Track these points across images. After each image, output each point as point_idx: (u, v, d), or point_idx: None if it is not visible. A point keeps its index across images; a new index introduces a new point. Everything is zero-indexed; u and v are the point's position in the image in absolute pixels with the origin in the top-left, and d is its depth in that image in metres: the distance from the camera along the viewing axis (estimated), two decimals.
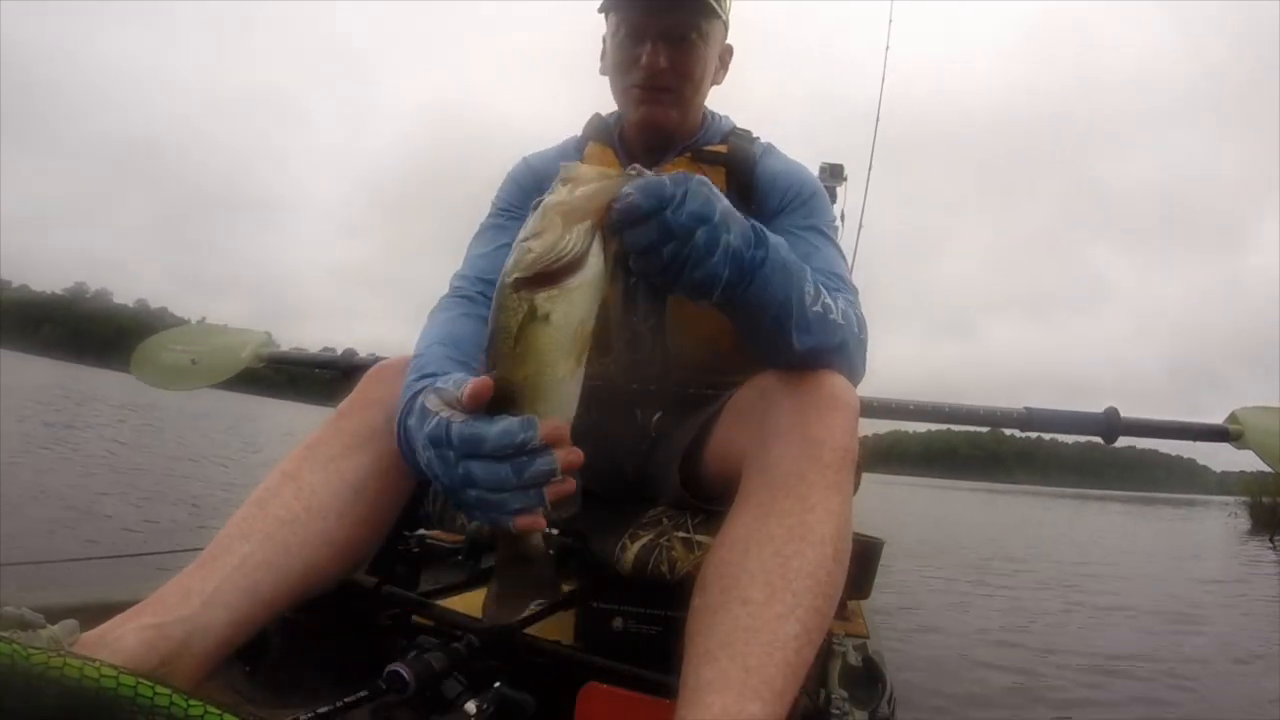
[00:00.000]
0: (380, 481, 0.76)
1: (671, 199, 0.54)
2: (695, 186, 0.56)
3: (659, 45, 0.90)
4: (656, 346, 0.95)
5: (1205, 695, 2.69)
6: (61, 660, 0.44)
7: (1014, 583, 5.53)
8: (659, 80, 0.91)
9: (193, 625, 0.63)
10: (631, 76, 0.92)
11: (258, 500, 0.74)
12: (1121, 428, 1.14)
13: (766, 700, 0.58)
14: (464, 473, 0.53)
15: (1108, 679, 2.88)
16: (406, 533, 1.18)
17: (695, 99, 0.97)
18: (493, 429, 0.52)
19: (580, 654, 0.89)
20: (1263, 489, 14.26)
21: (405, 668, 0.69)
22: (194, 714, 0.44)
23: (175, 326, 1.71)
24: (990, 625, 3.80)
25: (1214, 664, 3.20)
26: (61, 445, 6.19)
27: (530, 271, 0.52)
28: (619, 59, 0.94)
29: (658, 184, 0.55)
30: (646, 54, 0.90)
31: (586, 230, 0.53)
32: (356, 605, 0.97)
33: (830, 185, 2.92)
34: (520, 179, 1.02)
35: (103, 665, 0.44)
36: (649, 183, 0.55)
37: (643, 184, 0.54)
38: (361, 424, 0.77)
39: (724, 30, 0.97)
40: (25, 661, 0.43)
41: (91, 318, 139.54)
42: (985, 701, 2.46)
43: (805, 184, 0.97)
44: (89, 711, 0.43)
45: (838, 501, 0.68)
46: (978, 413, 1.19)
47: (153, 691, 0.44)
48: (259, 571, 0.68)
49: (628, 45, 0.92)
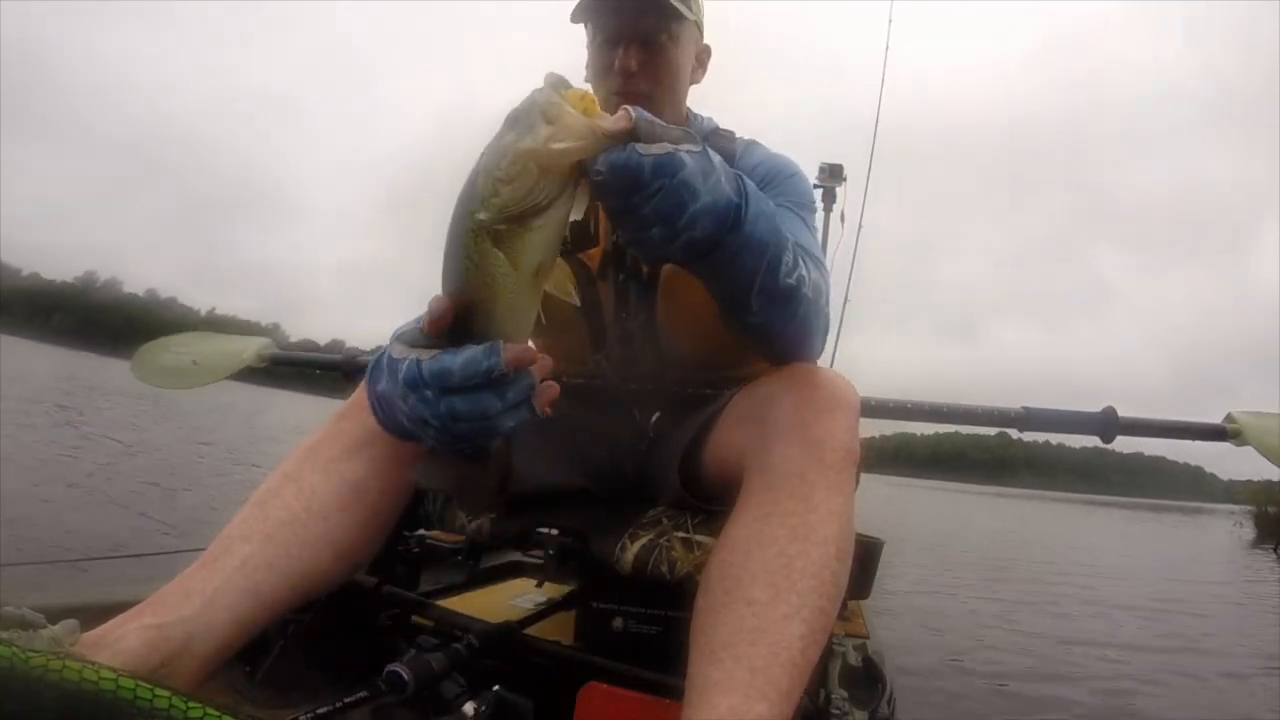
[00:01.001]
0: (381, 483, 0.77)
1: (643, 189, 0.53)
2: (675, 183, 0.54)
3: (630, 50, 0.92)
4: (647, 344, 0.96)
5: (1206, 696, 2.69)
6: (61, 662, 0.44)
7: (1014, 582, 5.53)
8: (632, 85, 0.93)
9: (194, 626, 0.63)
10: (608, 83, 0.94)
11: (258, 501, 0.74)
12: (1119, 427, 1.14)
13: (773, 701, 0.58)
14: (447, 409, 0.53)
15: (1108, 679, 2.88)
16: (406, 533, 1.18)
17: (672, 100, 0.98)
18: (458, 358, 0.52)
19: (580, 654, 0.89)
20: (1269, 499, 14.24)
21: (405, 668, 0.70)
22: (193, 716, 0.44)
23: (179, 328, 1.71)
24: (990, 624, 3.80)
25: (1215, 668, 3.21)
26: (71, 439, 6.18)
27: (498, 216, 0.52)
28: (596, 66, 0.96)
29: (634, 167, 0.52)
30: (619, 59, 0.92)
31: (558, 180, 0.53)
32: (356, 605, 0.97)
33: (829, 185, 2.92)
34: None
35: (102, 668, 0.44)
36: (625, 163, 0.52)
37: (619, 162, 0.52)
38: (362, 425, 0.77)
39: (697, 31, 0.99)
40: (25, 664, 0.43)
41: (102, 307, 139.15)
42: (986, 701, 2.46)
43: (782, 168, 0.98)
44: (89, 713, 0.43)
45: (840, 501, 0.68)
46: (975, 412, 1.19)
47: (152, 694, 0.44)
48: (260, 573, 0.68)
49: (602, 52, 0.94)
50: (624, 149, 0.52)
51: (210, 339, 1.71)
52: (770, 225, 0.64)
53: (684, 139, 0.56)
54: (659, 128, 0.55)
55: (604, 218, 0.91)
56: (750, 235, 0.61)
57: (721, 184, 0.58)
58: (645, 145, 0.53)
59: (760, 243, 0.63)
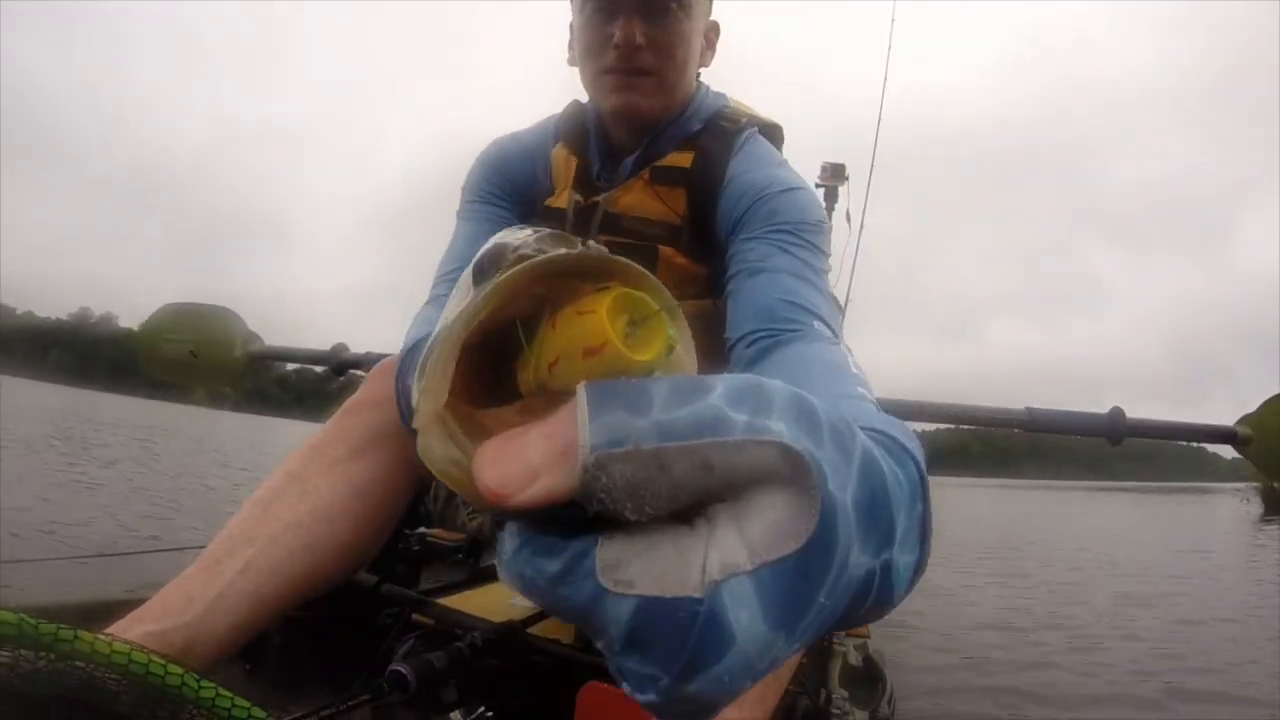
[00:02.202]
0: (386, 484, 0.76)
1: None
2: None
3: (634, 20, 0.78)
4: None
5: (1206, 695, 2.69)
6: (72, 632, 0.43)
7: (1015, 581, 5.52)
8: (635, 61, 0.80)
9: (195, 631, 0.63)
10: (604, 59, 0.81)
11: (261, 501, 0.73)
12: (1126, 429, 1.12)
13: (742, 705, 0.57)
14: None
15: (1109, 677, 2.88)
16: (407, 531, 1.18)
17: (680, 82, 0.85)
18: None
19: (581, 653, 0.89)
20: None
21: (407, 668, 0.69)
22: (206, 695, 0.44)
23: (156, 316, 1.72)
24: (991, 625, 3.80)
25: (1217, 667, 3.20)
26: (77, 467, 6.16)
27: None
28: (588, 40, 0.82)
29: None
30: (620, 29, 0.78)
31: None
32: (356, 604, 0.97)
33: (831, 185, 2.91)
34: (492, 161, 0.94)
35: (116, 640, 0.44)
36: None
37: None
38: (367, 425, 0.76)
39: (708, 4, 0.88)
40: (34, 632, 0.42)
41: (98, 342, 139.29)
42: (986, 701, 2.46)
43: (791, 210, 0.76)
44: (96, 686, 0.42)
45: None
46: (980, 414, 1.18)
47: (198, 684, 0.44)
48: (262, 576, 0.68)
49: (597, 22, 0.80)
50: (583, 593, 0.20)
51: (192, 314, 1.71)
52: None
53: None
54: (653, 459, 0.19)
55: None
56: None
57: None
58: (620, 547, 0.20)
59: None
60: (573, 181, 0.89)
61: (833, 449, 0.20)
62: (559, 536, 0.19)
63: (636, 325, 0.23)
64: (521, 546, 0.20)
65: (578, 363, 0.22)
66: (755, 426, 0.19)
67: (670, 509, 0.19)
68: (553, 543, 0.19)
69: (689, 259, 0.85)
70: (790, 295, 0.67)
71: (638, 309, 0.23)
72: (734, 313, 0.70)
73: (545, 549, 0.19)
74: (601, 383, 0.20)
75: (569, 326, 0.23)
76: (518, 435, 0.20)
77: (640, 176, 0.86)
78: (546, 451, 0.19)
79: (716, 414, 0.19)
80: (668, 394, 0.19)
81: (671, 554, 0.18)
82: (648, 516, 0.19)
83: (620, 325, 0.22)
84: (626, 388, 0.20)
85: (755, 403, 0.20)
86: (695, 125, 0.88)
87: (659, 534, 0.19)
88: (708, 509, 0.19)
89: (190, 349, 1.66)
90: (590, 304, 0.23)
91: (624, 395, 0.19)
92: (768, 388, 0.20)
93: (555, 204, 0.90)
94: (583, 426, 0.19)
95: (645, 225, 0.85)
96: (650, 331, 0.23)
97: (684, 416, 0.19)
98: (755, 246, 0.73)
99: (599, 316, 0.22)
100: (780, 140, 0.93)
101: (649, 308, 0.23)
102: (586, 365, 0.22)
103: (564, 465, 0.19)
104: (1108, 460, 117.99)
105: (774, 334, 0.64)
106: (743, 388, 0.20)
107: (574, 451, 0.18)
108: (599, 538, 0.19)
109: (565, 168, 0.90)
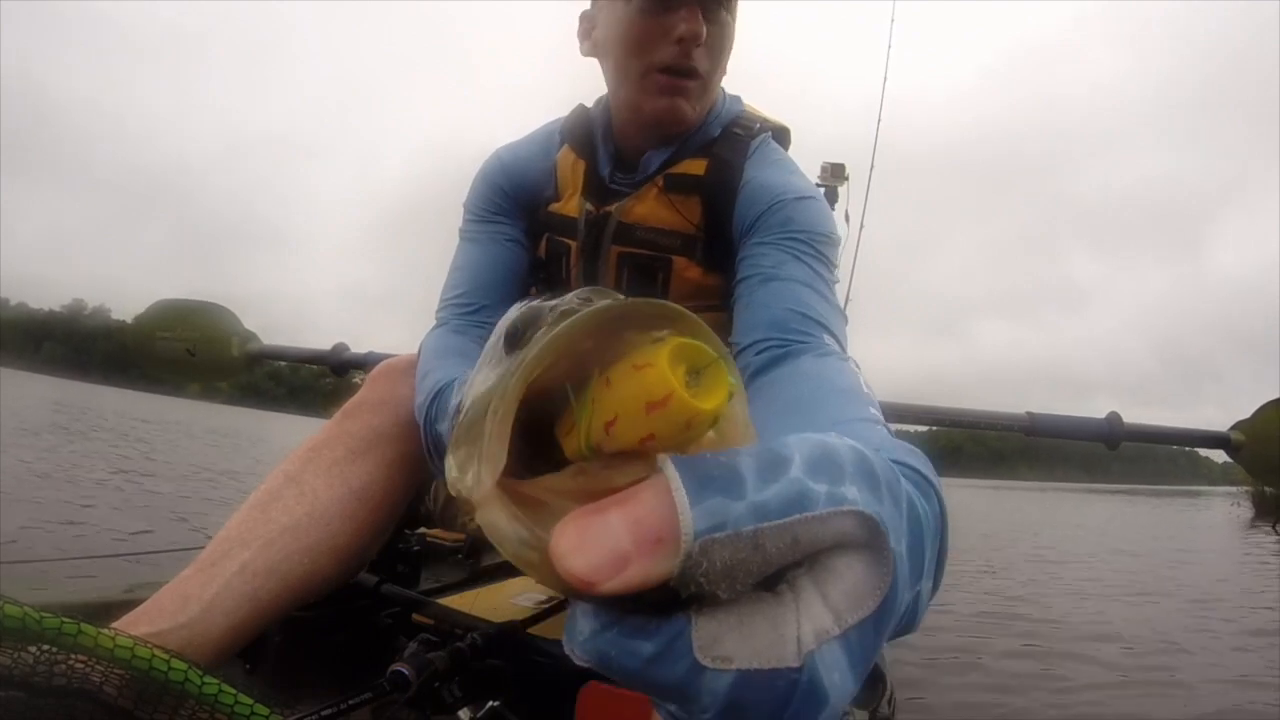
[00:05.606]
0: (385, 486, 0.75)
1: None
2: None
3: (697, 13, 0.72)
4: None
5: (1207, 695, 2.69)
6: (75, 625, 0.44)
7: (1015, 580, 5.53)
8: (691, 61, 0.74)
9: (191, 633, 0.63)
10: (657, 54, 0.74)
11: (259, 503, 0.72)
12: (1123, 434, 1.14)
13: None
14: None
15: (1110, 676, 2.88)
16: (407, 531, 1.18)
17: (716, 88, 0.82)
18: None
19: None
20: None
21: (408, 667, 0.69)
22: (208, 691, 0.44)
23: (150, 310, 1.70)
24: (991, 624, 3.80)
25: (1218, 660, 3.21)
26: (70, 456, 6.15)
27: None
28: (638, 33, 0.74)
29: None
30: (685, 22, 0.71)
31: None
32: (357, 604, 0.97)
33: (831, 185, 2.91)
34: (493, 175, 0.92)
35: (119, 635, 0.44)
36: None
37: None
38: (367, 427, 0.76)
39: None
40: (37, 625, 0.42)
41: (92, 334, 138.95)
42: (986, 700, 2.46)
43: (801, 220, 0.75)
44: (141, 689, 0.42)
45: None
46: (981, 418, 1.19)
47: (200, 680, 0.44)
48: (259, 578, 0.67)
49: (650, 12, 0.73)
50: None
51: (185, 311, 1.70)
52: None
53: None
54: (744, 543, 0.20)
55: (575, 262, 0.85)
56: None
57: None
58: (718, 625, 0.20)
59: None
60: (582, 187, 0.86)
61: (890, 504, 0.21)
62: (647, 616, 0.19)
63: (697, 374, 0.22)
64: (605, 628, 0.19)
65: (641, 419, 0.21)
66: (835, 497, 0.19)
67: (756, 582, 0.19)
68: (644, 624, 0.19)
69: (702, 270, 0.83)
70: (801, 306, 0.66)
71: (695, 358, 0.22)
72: (744, 319, 0.69)
73: (637, 631, 0.19)
74: (688, 460, 0.19)
75: (626, 382, 0.22)
76: (594, 515, 0.19)
77: (654, 184, 0.83)
78: (639, 537, 0.18)
79: (801, 489, 0.19)
80: (756, 471, 0.19)
81: (765, 627, 0.19)
82: (737, 594, 0.19)
83: (680, 375, 0.21)
84: (717, 467, 0.19)
85: (830, 471, 0.20)
86: (715, 131, 0.85)
87: (748, 606, 0.19)
88: (788, 575, 0.19)
89: (187, 347, 1.65)
90: (645, 357, 0.22)
91: (718, 477, 0.19)
92: (837, 452, 0.20)
93: (563, 210, 0.87)
94: (684, 512, 0.18)
95: (660, 236, 0.83)
96: (711, 379, 0.22)
97: (774, 495, 0.19)
98: (769, 253, 0.72)
99: (660, 369, 0.21)
100: (788, 143, 0.91)
101: (707, 355, 0.22)
102: (651, 421, 0.21)
103: (660, 551, 0.18)
104: (1103, 462, 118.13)
105: (784, 344, 0.63)
106: (819, 457, 0.20)
107: (672, 537, 0.18)
108: (693, 617, 0.19)
109: (572, 172, 0.87)
